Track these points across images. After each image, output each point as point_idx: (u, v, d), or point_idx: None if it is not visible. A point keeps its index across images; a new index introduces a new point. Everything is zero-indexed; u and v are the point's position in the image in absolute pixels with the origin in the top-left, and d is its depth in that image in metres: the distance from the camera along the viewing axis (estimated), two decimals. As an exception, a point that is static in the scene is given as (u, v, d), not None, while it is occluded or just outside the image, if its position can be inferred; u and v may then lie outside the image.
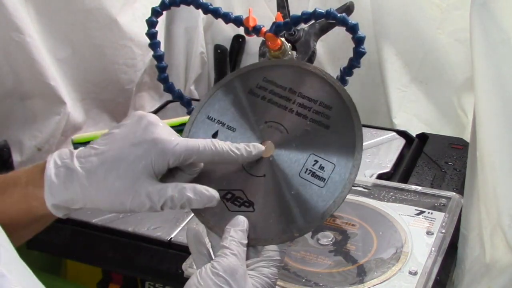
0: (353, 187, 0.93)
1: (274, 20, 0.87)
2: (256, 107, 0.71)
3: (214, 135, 0.71)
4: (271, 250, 0.66)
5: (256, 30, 0.86)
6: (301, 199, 0.67)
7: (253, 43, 1.41)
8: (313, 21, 0.92)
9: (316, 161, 0.67)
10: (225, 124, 0.71)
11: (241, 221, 0.66)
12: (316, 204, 0.66)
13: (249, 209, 0.67)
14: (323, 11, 0.84)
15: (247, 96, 0.72)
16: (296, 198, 0.67)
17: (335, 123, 0.68)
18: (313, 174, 0.67)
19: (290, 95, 0.70)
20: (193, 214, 0.92)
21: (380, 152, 1.09)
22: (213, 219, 0.68)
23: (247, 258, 0.66)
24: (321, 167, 0.67)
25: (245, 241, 0.65)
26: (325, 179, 0.67)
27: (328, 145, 0.68)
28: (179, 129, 1.15)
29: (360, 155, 0.67)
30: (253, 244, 0.67)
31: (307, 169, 0.67)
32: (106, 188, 0.64)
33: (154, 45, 0.96)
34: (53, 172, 0.65)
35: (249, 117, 0.71)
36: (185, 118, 1.13)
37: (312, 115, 0.69)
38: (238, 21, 0.89)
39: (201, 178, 0.69)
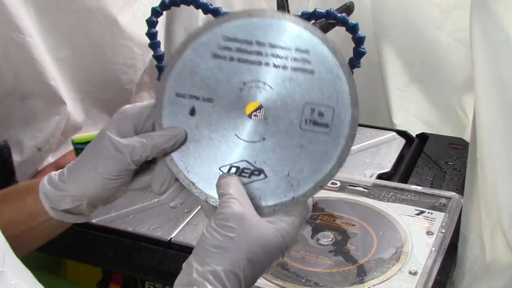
0: (353, 187, 0.94)
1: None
2: (227, 70, 0.65)
3: (192, 112, 0.66)
4: (297, 208, 0.62)
5: (256, 30, 0.86)
6: (312, 149, 0.64)
7: (253, 43, 1.41)
8: (313, 21, 0.92)
9: (313, 109, 0.64)
10: (199, 97, 0.66)
11: (230, 179, 0.62)
12: (329, 149, 0.63)
13: (261, 177, 0.64)
14: (323, 11, 0.84)
15: (213, 61, 0.66)
16: (306, 151, 0.64)
17: (319, 65, 0.64)
18: (315, 123, 0.64)
19: (260, 48, 0.65)
20: (193, 214, 0.92)
21: (380, 152, 1.09)
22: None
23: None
24: (320, 114, 0.64)
25: (244, 192, 0.62)
26: (328, 124, 0.64)
27: (319, 90, 0.64)
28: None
29: (355, 90, 0.63)
30: (278, 209, 0.63)
31: (306, 119, 0.64)
32: (86, 166, 0.67)
33: (154, 45, 0.96)
34: (45, 179, 0.70)
35: (224, 83, 0.65)
36: (185, 118, 1.13)
37: (291, 63, 0.64)
38: (238, 21, 0.88)
39: (190, 158, 0.66)
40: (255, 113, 0.65)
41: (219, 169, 0.64)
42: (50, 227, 0.73)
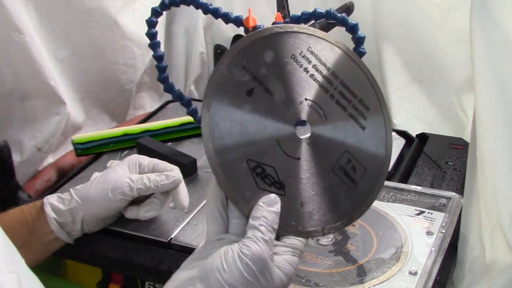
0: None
1: (274, 20, 0.87)
2: (298, 78, 0.63)
3: (249, 93, 0.62)
4: (295, 238, 0.63)
5: (256, 30, 0.86)
6: (331, 195, 0.64)
7: (253, 43, 1.40)
8: (313, 21, 0.92)
9: (350, 160, 0.64)
10: (262, 83, 0.62)
11: (275, 201, 0.61)
12: (345, 205, 0.64)
13: (280, 192, 0.62)
14: (323, 11, 0.84)
15: (290, 60, 0.63)
16: (327, 193, 0.63)
17: (370, 126, 0.65)
18: (346, 173, 0.64)
19: (332, 78, 0.64)
20: (193, 215, 0.92)
21: (380, 152, 1.09)
22: (239, 191, 0.62)
23: None
24: (354, 168, 0.65)
25: (276, 226, 0.61)
26: (356, 182, 0.65)
27: (362, 148, 0.65)
28: (179, 129, 1.16)
29: (387, 168, 0.66)
30: (279, 231, 0.62)
31: (340, 165, 0.64)
32: (95, 188, 0.85)
33: (154, 45, 0.96)
34: (55, 199, 0.85)
35: (289, 86, 0.63)
36: (185, 118, 1.13)
37: (351, 110, 0.64)
38: (238, 21, 0.89)
39: (230, 140, 0.62)
40: (303, 132, 0.64)
41: (247, 161, 0.62)
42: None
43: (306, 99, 0.63)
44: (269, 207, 0.61)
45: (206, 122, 0.61)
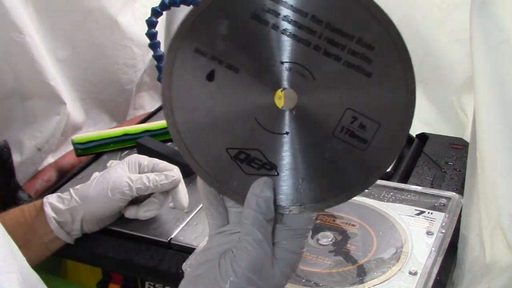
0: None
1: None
2: (266, 40, 0.52)
3: (210, 77, 0.53)
4: (298, 217, 0.57)
5: (256, 30, 0.86)
6: (337, 163, 0.55)
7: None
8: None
9: (355, 118, 0.53)
10: (223, 61, 0.53)
11: (266, 186, 0.56)
12: (356, 169, 0.55)
13: (271, 172, 0.55)
14: (323, 11, 0.84)
15: (251, 23, 0.51)
16: (331, 162, 0.55)
17: (379, 69, 0.52)
18: (352, 134, 0.54)
19: (314, 25, 0.51)
20: (193, 215, 0.92)
21: (380, 152, 1.09)
22: (226, 183, 0.56)
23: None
24: (362, 126, 0.53)
25: (272, 215, 0.56)
26: (367, 141, 0.54)
27: (370, 98, 0.53)
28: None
29: (413, 111, 0.52)
30: (280, 211, 0.56)
31: (343, 127, 0.54)
32: (95, 188, 0.85)
33: (154, 45, 0.96)
34: (54, 199, 0.86)
35: (257, 54, 0.52)
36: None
37: (347, 56, 0.52)
38: (238, 21, 0.88)
39: (202, 134, 0.56)
40: (286, 101, 0.54)
41: (226, 151, 0.55)
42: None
43: (282, 62, 0.52)
44: (260, 195, 0.56)
45: (170, 122, 0.55)
